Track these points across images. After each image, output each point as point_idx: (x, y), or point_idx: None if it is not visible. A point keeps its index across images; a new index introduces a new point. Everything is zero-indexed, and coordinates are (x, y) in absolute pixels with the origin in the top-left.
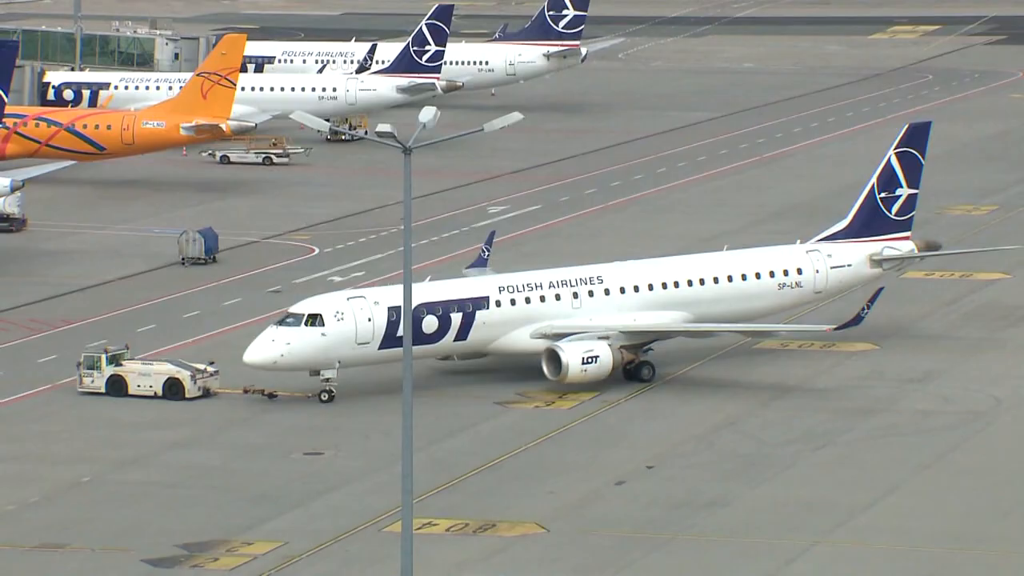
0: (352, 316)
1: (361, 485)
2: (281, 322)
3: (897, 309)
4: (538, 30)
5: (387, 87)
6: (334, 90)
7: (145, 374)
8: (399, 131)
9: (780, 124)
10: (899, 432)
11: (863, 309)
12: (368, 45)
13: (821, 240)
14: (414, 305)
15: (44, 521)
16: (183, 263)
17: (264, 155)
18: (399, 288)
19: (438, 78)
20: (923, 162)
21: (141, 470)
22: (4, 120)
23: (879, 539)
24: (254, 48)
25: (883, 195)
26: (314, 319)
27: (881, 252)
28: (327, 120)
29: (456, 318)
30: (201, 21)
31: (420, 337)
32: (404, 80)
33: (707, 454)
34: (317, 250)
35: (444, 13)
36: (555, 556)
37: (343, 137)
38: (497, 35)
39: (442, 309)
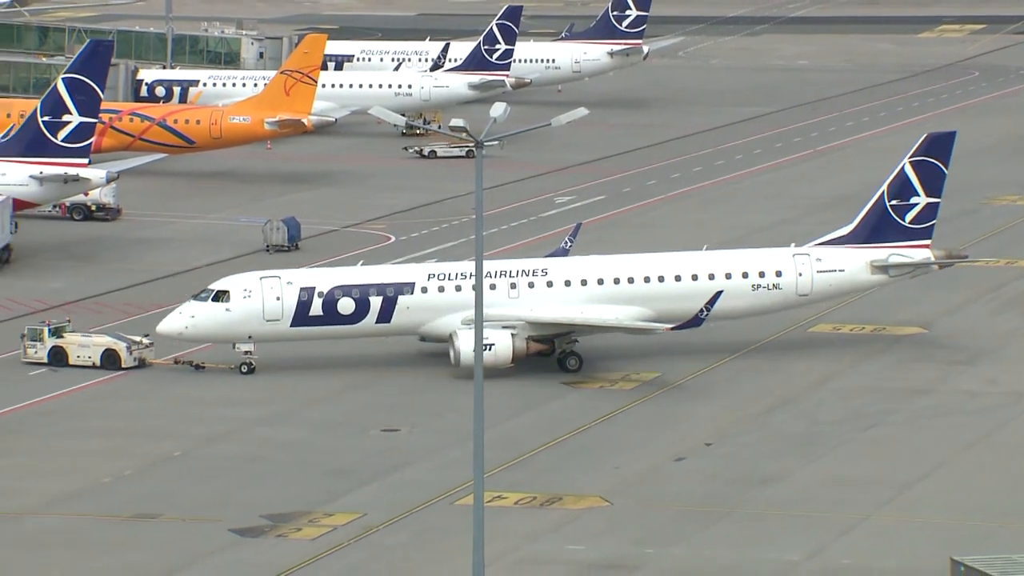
0: (260, 294)
1: (435, 460)
2: (195, 296)
3: (946, 294)
4: (602, 30)
5: (459, 84)
6: (409, 87)
7: (84, 345)
8: (471, 125)
9: (832, 119)
10: (947, 412)
11: (701, 311)
12: (442, 44)
13: (821, 244)
14: (327, 288)
15: (138, 493)
16: (267, 250)
17: (468, 149)
18: (317, 271)
19: (508, 75)
20: (946, 172)
21: (229, 445)
22: (100, 115)
23: (927, 513)
24: (334, 47)
25: (894, 203)
26: (221, 295)
27: (887, 259)
28: (403, 115)
29: (375, 301)
30: (285, 22)
31: (336, 318)
32: (475, 77)
33: (763, 432)
34: (393, 238)
35: (513, 14)
36: (619, 528)
37: (417, 131)
38: (564, 34)
39: (359, 292)
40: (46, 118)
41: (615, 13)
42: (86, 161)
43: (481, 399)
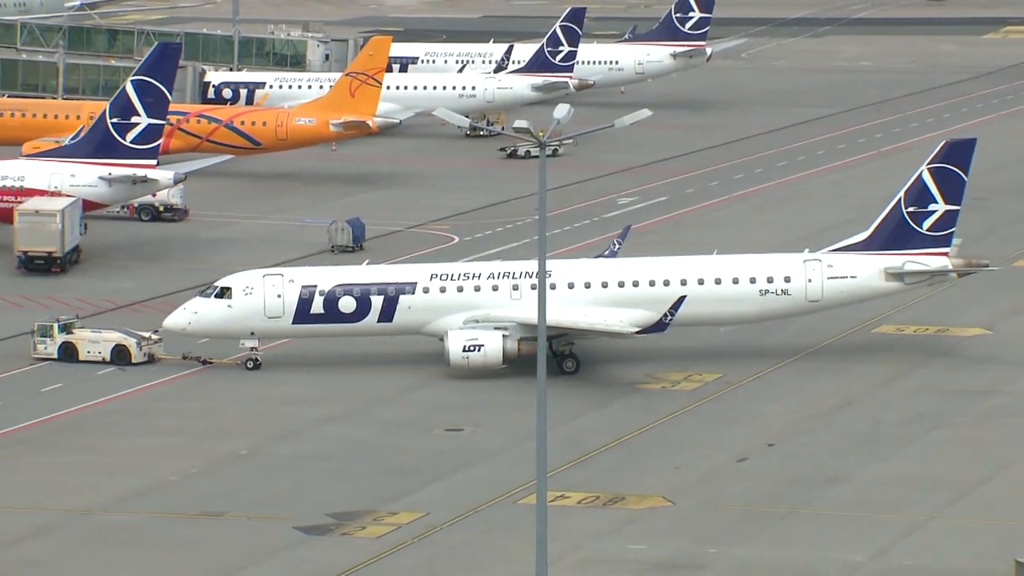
0: (261, 292)
1: (498, 460)
2: (201, 292)
3: (1009, 295)
4: (665, 31)
5: (523, 85)
6: (473, 88)
7: (95, 341)
8: (534, 127)
9: (896, 120)
10: (1011, 413)
11: (665, 315)
12: (505, 46)
13: (835, 250)
14: (328, 287)
15: (204, 491)
16: (332, 251)
17: (554, 148)
18: (318, 269)
19: (571, 77)
20: (965, 179)
21: (294, 444)
22: (168, 117)
23: (991, 514)
24: (399, 49)
25: (911, 210)
26: (224, 292)
27: (902, 266)
28: (467, 117)
29: (377, 301)
30: (350, 24)
31: (338, 316)
32: (539, 79)
33: (825, 433)
34: (456, 239)
35: (577, 15)
36: (681, 528)
37: (481, 133)
38: (627, 36)
39: (360, 291)
40: (115, 120)
41: (678, 15)
42: (154, 162)
43: (544, 399)
